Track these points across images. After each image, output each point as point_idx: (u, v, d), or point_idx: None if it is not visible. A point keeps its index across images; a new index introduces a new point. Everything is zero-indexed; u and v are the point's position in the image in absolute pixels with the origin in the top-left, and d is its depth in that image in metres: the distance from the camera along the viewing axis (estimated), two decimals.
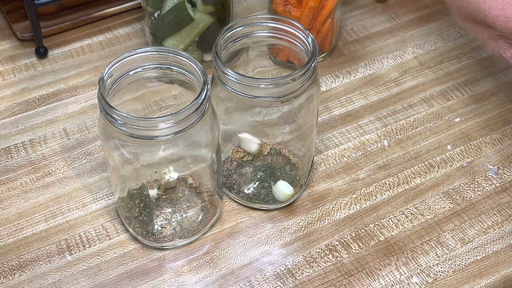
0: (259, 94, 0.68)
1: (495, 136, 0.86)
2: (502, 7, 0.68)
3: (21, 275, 0.73)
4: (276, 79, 0.67)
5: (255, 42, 0.74)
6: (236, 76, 0.67)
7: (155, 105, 0.84)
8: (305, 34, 0.70)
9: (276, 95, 0.68)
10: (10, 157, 0.83)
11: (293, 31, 0.71)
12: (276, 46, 0.77)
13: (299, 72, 0.67)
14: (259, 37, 0.73)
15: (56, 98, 0.90)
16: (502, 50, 0.72)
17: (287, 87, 0.67)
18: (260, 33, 0.73)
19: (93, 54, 0.95)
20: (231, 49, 0.72)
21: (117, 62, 0.67)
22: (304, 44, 0.71)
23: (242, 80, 0.67)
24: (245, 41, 0.73)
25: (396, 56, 0.96)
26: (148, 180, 0.71)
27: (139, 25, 0.99)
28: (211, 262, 0.74)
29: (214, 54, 0.68)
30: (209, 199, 0.76)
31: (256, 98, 0.68)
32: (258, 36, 0.73)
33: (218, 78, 0.69)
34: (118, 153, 0.67)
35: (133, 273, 0.73)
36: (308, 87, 0.70)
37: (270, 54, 0.87)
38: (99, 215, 0.78)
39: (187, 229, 0.74)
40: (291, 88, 0.68)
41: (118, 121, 0.63)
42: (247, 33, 0.72)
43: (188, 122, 0.64)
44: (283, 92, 0.68)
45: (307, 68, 0.68)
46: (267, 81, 0.68)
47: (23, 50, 0.96)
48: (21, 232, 0.76)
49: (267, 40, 0.75)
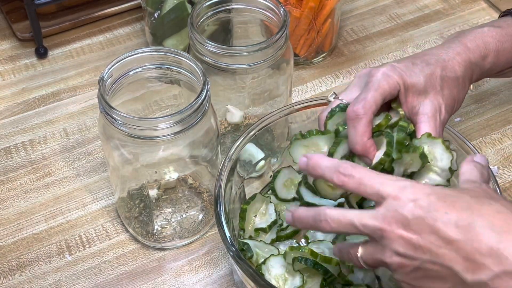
0: (233, 62, 0.72)
1: (495, 136, 0.86)
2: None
3: (21, 275, 0.73)
4: (249, 47, 0.72)
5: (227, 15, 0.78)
6: (213, 47, 0.71)
7: (155, 105, 0.84)
8: (277, 6, 0.75)
9: (250, 62, 0.72)
10: (10, 157, 0.83)
11: (267, 3, 0.76)
12: None
13: (273, 39, 0.71)
14: (236, 9, 0.78)
15: (56, 98, 0.90)
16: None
17: (261, 54, 0.72)
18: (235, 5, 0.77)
19: (93, 54, 0.95)
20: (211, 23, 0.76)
21: (117, 62, 0.67)
22: (277, 16, 0.75)
23: (218, 49, 0.71)
24: (222, 14, 0.77)
25: (396, 56, 0.95)
26: (148, 180, 0.71)
27: (139, 25, 0.99)
28: (211, 262, 0.74)
29: (190, 25, 0.72)
30: (209, 199, 0.76)
31: (232, 65, 0.72)
32: (235, 8, 0.77)
33: (196, 51, 0.73)
34: (118, 153, 0.67)
35: (133, 273, 0.73)
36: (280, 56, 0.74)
37: None
38: (99, 215, 0.78)
39: (187, 229, 0.74)
40: (263, 55, 0.72)
41: (118, 121, 0.63)
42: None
43: (188, 122, 0.64)
44: (256, 59, 0.72)
45: (280, 35, 0.72)
46: (242, 49, 0.72)
47: (23, 50, 0.96)
48: (21, 232, 0.76)
49: (244, 11, 0.78)
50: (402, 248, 0.52)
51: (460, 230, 0.50)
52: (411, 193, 0.52)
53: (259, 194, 0.72)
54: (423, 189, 0.52)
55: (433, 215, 0.51)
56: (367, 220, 0.53)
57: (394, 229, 0.52)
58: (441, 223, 0.51)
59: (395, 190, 0.53)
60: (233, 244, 0.62)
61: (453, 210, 0.51)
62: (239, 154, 0.70)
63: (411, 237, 0.51)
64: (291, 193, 0.75)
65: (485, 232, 0.50)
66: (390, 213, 0.52)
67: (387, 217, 0.52)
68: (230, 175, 0.68)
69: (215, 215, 0.64)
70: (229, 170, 0.68)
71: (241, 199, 0.72)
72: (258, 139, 0.72)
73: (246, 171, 0.73)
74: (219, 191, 0.66)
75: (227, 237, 0.62)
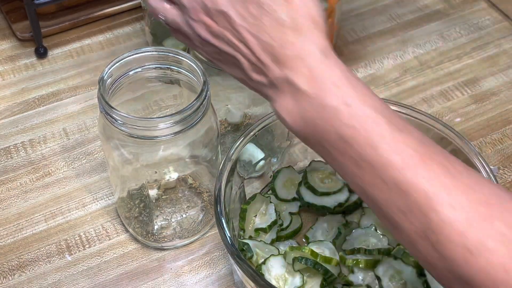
0: None
1: (495, 136, 0.86)
2: None
3: (21, 275, 0.73)
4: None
5: None
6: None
7: (155, 105, 0.84)
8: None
9: None
10: (10, 157, 0.83)
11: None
12: None
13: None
14: None
15: (56, 98, 0.90)
16: None
17: None
18: None
19: (93, 54, 0.95)
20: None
21: (117, 62, 0.67)
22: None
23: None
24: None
25: (397, 56, 0.96)
26: (148, 180, 0.71)
27: (139, 25, 0.99)
28: (211, 262, 0.74)
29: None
30: (209, 199, 0.76)
31: None
32: None
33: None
34: (118, 153, 0.67)
35: (133, 273, 0.73)
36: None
37: None
38: (99, 215, 0.78)
39: (187, 229, 0.74)
40: None
41: (118, 121, 0.63)
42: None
43: (188, 122, 0.64)
44: None
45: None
46: None
47: (23, 50, 0.96)
48: (21, 232, 0.76)
49: None
50: (204, 33, 0.54)
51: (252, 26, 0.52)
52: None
53: (259, 194, 0.72)
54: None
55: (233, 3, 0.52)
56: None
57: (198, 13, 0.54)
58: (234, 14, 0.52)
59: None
60: (233, 244, 0.62)
61: None
62: (239, 154, 0.70)
63: (210, 23, 0.53)
64: (291, 193, 0.76)
65: None
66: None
67: None
68: (230, 175, 0.68)
69: (215, 215, 0.64)
70: (229, 170, 0.68)
71: (241, 199, 0.72)
72: (258, 139, 0.72)
73: (246, 171, 0.73)
74: (219, 191, 0.66)
75: (227, 237, 0.62)
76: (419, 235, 0.46)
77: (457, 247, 0.44)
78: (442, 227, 0.44)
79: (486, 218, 0.43)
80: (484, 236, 0.43)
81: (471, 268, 0.43)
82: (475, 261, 0.43)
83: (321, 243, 0.68)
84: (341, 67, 0.50)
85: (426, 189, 0.45)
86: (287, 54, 0.50)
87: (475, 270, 0.43)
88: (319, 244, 0.68)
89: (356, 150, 0.47)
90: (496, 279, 0.42)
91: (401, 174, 0.46)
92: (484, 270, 0.43)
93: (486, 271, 0.43)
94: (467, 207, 0.44)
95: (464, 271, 0.44)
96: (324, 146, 0.50)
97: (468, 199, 0.44)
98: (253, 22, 0.52)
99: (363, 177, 0.48)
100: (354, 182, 0.49)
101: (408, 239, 0.47)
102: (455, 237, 0.44)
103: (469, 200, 0.44)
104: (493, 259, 0.43)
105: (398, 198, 0.46)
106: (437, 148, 0.48)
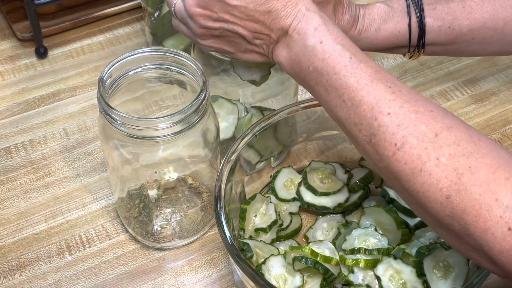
0: None
1: (495, 136, 0.86)
2: None
3: (21, 275, 0.73)
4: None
5: None
6: None
7: (155, 105, 0.84)
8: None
9: None
10: (10, 157, 0.83)
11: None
12: None
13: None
14: None
15: (56, 98, 0.90)
16: None
17: None
18: None
19: (93, 54, 0.95)
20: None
21: (117, 62, 0.67)
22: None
23: None
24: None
25: (396, 56, 0.95)
26: (148, 180, 0.71)
27: (139, 25, 0.99)
28: (211, 262, 0.74)
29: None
30: (209, 199, 0.76)
31: None
32: None
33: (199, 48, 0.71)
34: (118, 153, 0.67)
35: (133, 273, 0.73)
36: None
37: None
38: (99, 215, 0.78)
39: (186, 230, 0.74)
40: None
41: (118, 122, 0.63)
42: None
43: (188, 122, 0.64)
44: None
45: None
46: None
47: (23, 50, 0.96)
48: (21, 232, 0.76)
49: None
50: (203, 21, 0.63)
51: None
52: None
53: (259, 194, 0.72)
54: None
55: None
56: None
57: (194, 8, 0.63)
58: None
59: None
60: (233, 244, 0.62)
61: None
62: (239, 154, 0.70)
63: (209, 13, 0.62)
64: (291, 193, 0.76)
65: None
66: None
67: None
68: (230, 175, 0.68)
69: (215, 215, 0.64)
70: (229, 170, 0.68)
71: (241, 199, 0.72)
72: (258, 139, 0.72)
73: (246, 171, 0.73)
74: (219, 191, 0.66)
75: (227, 237, 0.62)
76: (366, 141, 0.57)
77: (390, 145, 0.55)
78: (379, 130, 0.56)
79: (413, 123, 0.55)
80: (407, 134, 0.54)
81: (397, 160, 0.55)
82: (400, 154, 0.54)
83: (321, 243, 0.68)
84: (322, 16, 0.61)
85: (371, 101, 0.56)
86: (280, 14, 0.61)
87: (399, 162, 0.55)
88: (319, 244, 0.68)
89: (325, 78, 0.59)
90: (413, 166, 0.54)
91: (355, 93, 0.57)
92: (404, 159, 0.54)
93: (406, 160, 0.54)
94: (401, 115, 0.55)
95: (391, 164, 0.55)
96: (306, 79, 0.61)
97: (403, 109, 0.55)
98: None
99: (331, 101, 0.59)
100: (326, 106, 0.60)
101: (361, 147, 0.58)
102: (387, 136, 0.55)
103: (404, 110, 0.55)
104: (412, 151, 0.54)
105: (353, 113, 0.57)
106: (389, 76, 0.58)
